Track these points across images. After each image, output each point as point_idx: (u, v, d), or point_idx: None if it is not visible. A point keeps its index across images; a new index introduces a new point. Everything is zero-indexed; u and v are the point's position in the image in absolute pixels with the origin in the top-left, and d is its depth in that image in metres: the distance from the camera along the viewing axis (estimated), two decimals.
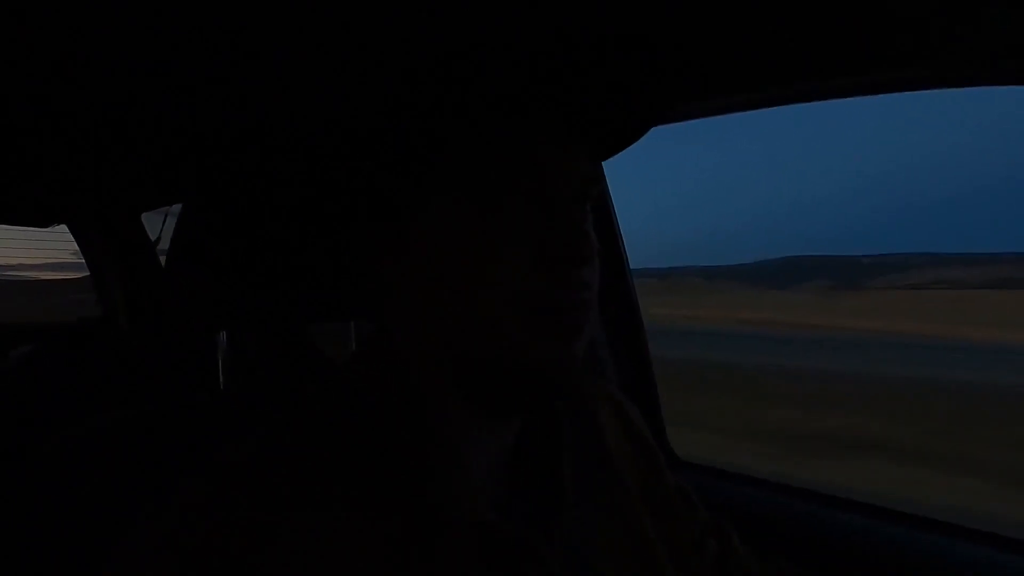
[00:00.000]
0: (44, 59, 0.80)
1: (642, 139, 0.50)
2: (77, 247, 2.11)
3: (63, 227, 2.08)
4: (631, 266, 1.18)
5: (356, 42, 0.65)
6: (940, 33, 0.63)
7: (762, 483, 0.96)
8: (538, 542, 0.43)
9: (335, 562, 0.37)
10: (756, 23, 0.58)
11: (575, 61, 0.44)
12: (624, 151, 0.51)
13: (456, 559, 0.40)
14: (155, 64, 0.79)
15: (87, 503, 0.56)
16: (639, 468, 0.58)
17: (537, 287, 0.41)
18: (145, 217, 1.96)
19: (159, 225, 1.91)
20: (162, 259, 2.01)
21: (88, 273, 2.14)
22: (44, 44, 0.74)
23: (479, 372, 0.44)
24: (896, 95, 0.82)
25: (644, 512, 0.55)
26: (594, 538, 0.49)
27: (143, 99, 0.93)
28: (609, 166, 0.88)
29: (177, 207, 1.82)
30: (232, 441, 0.44)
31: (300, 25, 0.66)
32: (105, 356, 1.62)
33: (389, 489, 0.41)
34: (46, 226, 2.03)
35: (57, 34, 0.69)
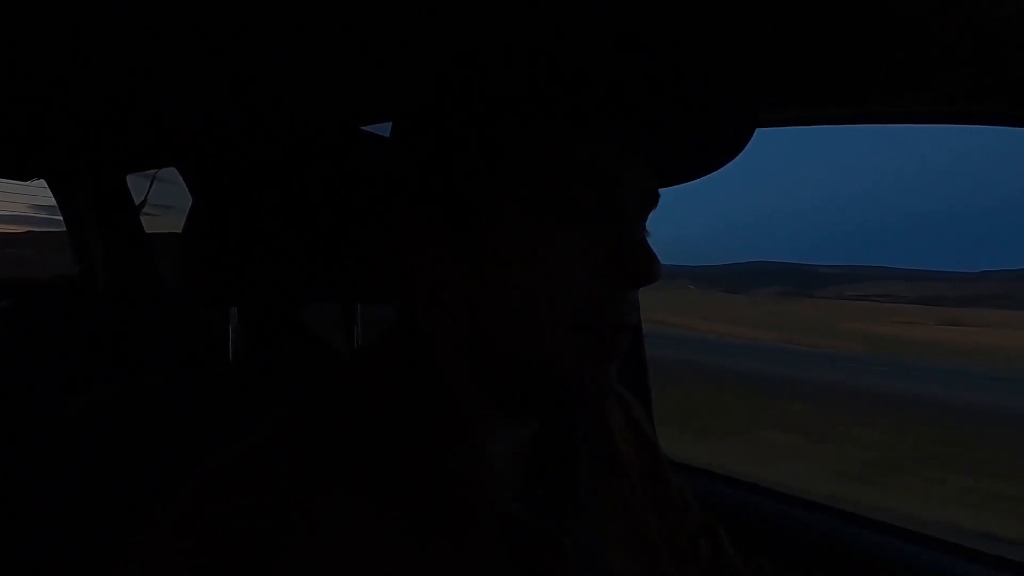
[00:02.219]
0: (41, 15, 0.75)
1: None
2: (35, 201, 1.99)
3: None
4: None
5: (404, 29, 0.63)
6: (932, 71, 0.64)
7: (746, 485, 0.98)
8: (557, 534, 0.43)
9: (358, 548, 0.36)
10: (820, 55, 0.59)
11: (657, 75, 0.42)
12: None
13: (479, 549, 0.40)
14: (157, 25, 0.75)
15: (92, 492, 0.52)
16: (644, 466, 0.58)
17: (592, 305, 0.40)
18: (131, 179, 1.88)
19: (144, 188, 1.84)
20: (144, 222, 1.94)
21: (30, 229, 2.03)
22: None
23: (513, 377, 0.42)
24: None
25: (648, 510, 0.55)
26: (603, 533, 0.49)
27: (140, 57, 0.89)
28: None
29: (166, 171, 1.75)
30: (243, 423, 0.42)
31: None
32: (83, 316, 1.55)
33: (412, 477, 0.40)
34: (26, 180, 1.92)
35: None
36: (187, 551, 0.34)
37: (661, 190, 0.46)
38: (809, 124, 0.87)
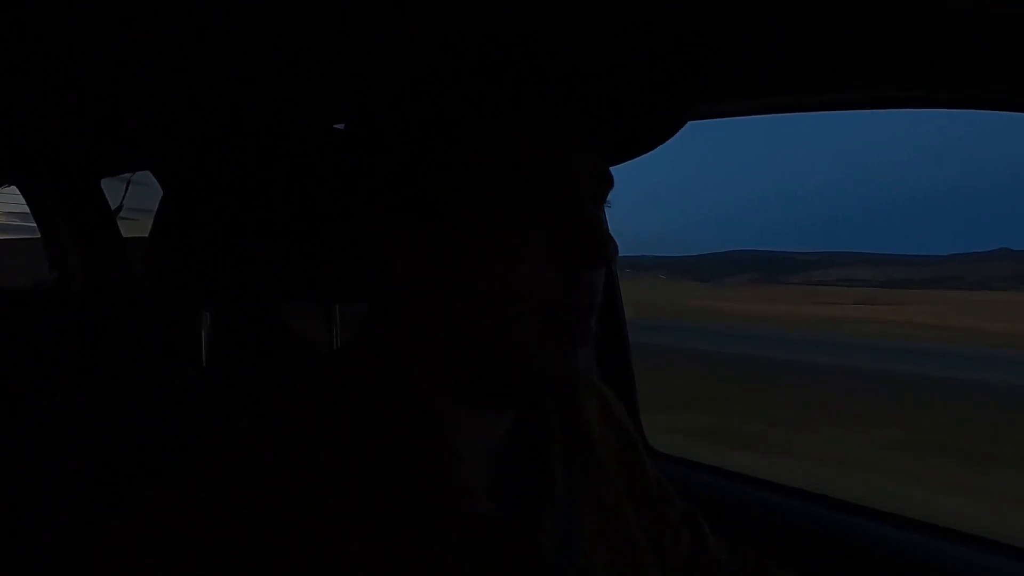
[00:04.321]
0: (10, 16, 0.71)
1: None
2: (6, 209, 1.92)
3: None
4: None
5: (368, 30, 0.61)
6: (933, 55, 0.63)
7: (730, 474, 0.98)
8: (531, 533, 0.42)
9: (328, 550, 0.35)
10: (776, 32, 0.58)
11: (601, 62, 0.42)
12: None
13: (453, 549, 0.39)
14: (129, 26, 0.72)
15: (64, 493, 0.50)
16: (622, 460, 0.58)
17: (553, 291, 0.40)
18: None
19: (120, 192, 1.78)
20: (120, 226, 1.88)
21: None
22: None
23: (483, 368, 0.42)
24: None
25: (627, 503, 0.54)
26: (581, 529, 0.48)
27: (112, 59, 0.85)
28: None
29: (140, 174, 1.70)
30: (217, 424, 0.40)
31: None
32: (62, 323, 1.50)
33: (384, 478, 0.39)
34: None
35: None
36: (156, 552, 0.33)
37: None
38: (792, 111, 0.86)
